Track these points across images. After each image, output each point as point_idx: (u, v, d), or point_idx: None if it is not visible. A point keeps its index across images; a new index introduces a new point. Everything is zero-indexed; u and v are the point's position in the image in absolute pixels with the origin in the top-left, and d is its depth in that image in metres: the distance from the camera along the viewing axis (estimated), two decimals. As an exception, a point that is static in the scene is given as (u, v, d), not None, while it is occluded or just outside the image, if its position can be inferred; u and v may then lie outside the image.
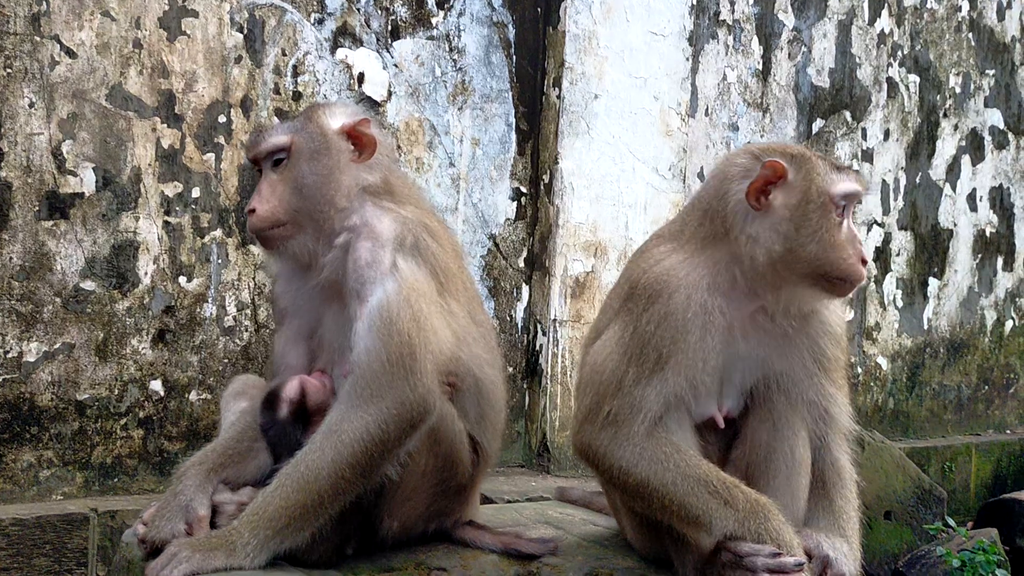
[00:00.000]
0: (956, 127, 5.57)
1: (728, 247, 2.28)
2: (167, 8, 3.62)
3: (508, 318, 4.39)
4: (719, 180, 2.35)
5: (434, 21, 4.17)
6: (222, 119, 3.74)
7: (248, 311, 3.81)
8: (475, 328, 2.48)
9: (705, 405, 2.32)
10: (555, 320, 4.32)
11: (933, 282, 5.58)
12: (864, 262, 2.25)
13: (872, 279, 5.37)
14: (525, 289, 4.42)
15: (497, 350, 2.61)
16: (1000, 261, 5.80)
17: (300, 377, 2.41)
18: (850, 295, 2.28)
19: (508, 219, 4.37)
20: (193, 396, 3.70)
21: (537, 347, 4.38)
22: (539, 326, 4.38)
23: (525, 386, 4.42)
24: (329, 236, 2.39)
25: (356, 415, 2.22)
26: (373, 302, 2.25)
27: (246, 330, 3.80)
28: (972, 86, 5.61)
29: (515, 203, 4.38)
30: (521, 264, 4.41)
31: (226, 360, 3.76)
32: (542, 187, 4.39)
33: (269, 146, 2.42)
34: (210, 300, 3.73)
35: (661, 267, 2.31)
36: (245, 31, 3.78)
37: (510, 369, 4.37)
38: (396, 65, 4.09)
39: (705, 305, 2.25)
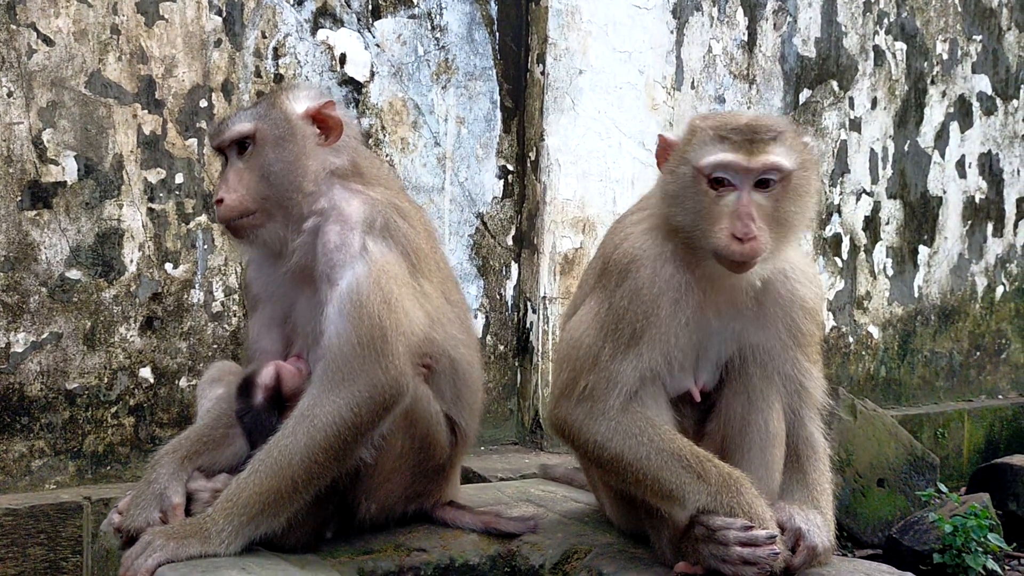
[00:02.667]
0: (944, 94, 5.53)
1: None
2: (143, -7, 3.60)
3: (498, 296, 4.39)
4: None
5: (415, -1, 4.15)
6: (203, 104, 3.73)
7: (235, 296, 3.81)
8: (449, 309, 2.48)
9: (681, 379, 2.33)
10: (545, 297, 4.33)
11: (923, 250, 5.56)
12: (741, 240, 2.14)
13: (862, 248, 5.36)
14: (514, 267, 4.42)
15: (472, 330, 2.61)
16: (990, 227, 5.78)
17: (275, 363, 2.42)
18: (746, 272, 2.20)
19: (495, 197, 4.37)
20: (183, 382, 3.72)
21: (527, 325, 4.39)
22: (529, 304, 4.38)
23: (516, 364, 4.43)
24: (298, 221, 2.39)
25: (328, 399, 2.22)
26: (343, 285, 2.25)
27: (234, 315, 3.81)
28: (959, 52, 5.56)
29: (502, 181, 4.37)
30: (509, 242, 4.40)
31: (215, 346, 3.77)
32: (528, 164, 4.38)
33: (233, 134, 2.40)
34: (197, 286, 3.74)
35: (630, 241, 2.31)
36: (224, 14, 3.75)
37: (501, 347, 4.38)
38: (378, 45, 4.07)
39: (672, 278, 2.25)
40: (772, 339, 2.34)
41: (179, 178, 3.69)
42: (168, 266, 3.69)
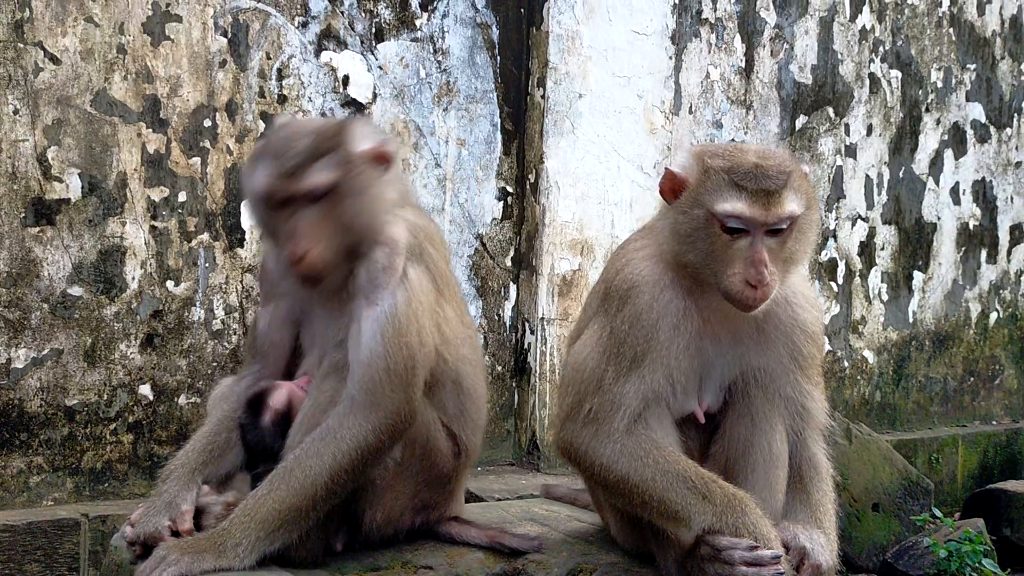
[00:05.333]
0: (938, 121, 5.60)
1: None
2: (151, 13, 3.63)
3: (496, 317, 4.41)
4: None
5: (418, 23, 4.19)
6: (207, 123, 3.76)
7: (236, 314, 3.82)
8: (463, 330, 2.54)
9: (685, 401, 2.35)
10: (543, 318, 4.35)
11: (918, 275, 5.61)
12: (753, 286, 2.17)
13: (857, 273, 5.41)
14: (512, 288, 4.44)
15: (479, 349, 2.67)
16: (984, 254, 5.83)
17: (288, 386, 2.44)
18: (752, 313, 2.24)
19: (495, 219, 4.40)
20: (182, 400, 3.72)
21: (525, 346, 4.41)
22: (527, 325, 4.41)
23: (514, 385, 4.44)
24: (362, 256, 2.36)
25: (355, 421, 2.27)
26: (384, 308, 2.29)
27: (234, 333, 3.82)
28: (954, 80, 5.64)
29: (501, 203, 4.41)
30: (508, 263, 4.43)
31: (215, 363, 3.78)
32: (528, 186, 4.42)
33: (309, 186, 2.28)
34: (198, 304, 3.75)
35: (631, 267, 2.35)
36: (229, 35, 3.79)
37: (498, 368, 4.39)
38: (381, 67, 4.11)
39: (670, 304, 2.28)
40: (774, 362, 2.36)
41: (182, 196, 3.71)
42: (169, 284, 3.70)
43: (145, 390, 3.66)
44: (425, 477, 2.45)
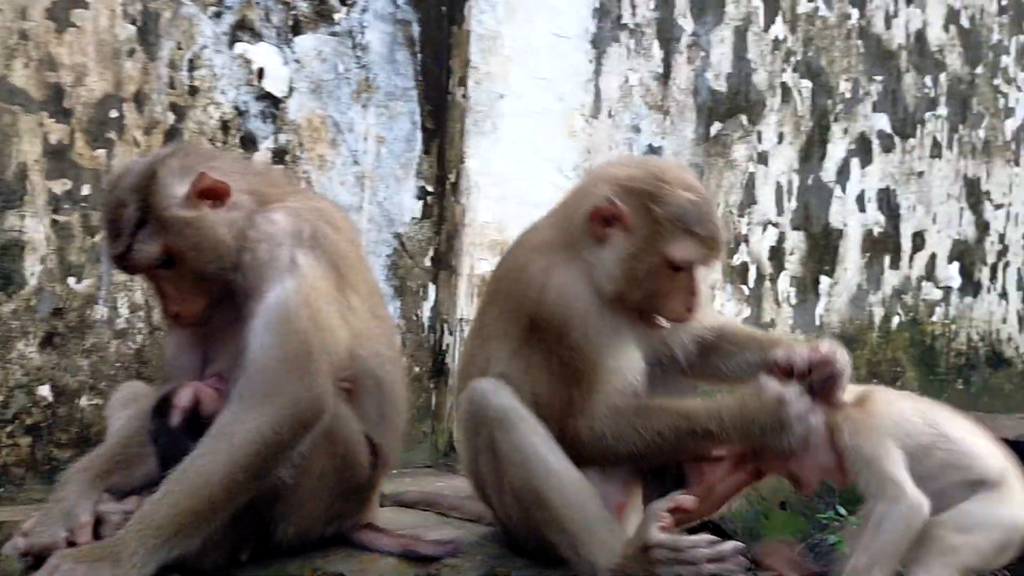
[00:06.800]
0: (846, 131, 5.78)
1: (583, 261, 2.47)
2: (55, -2, 3.49)
3: (414, 318, 4.38)
4: (580, 196, 2.53)
5: (336, 17, 4.13)
6: (114, 114, 3.63)
7: (141, 313, 3.70)
8: (376, 324, 2.45)
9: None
10: (462, 319, 4.33)
11: (824, 280, 5.77)
12: (690, 310, 2.44)
13: (767, 277, 5.53)
14: (431, 288, 4.41)
15: (397, 346, 2.61)
16: (887, 260, 6.03)
17: (194, 384, 2.34)
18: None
19: (414, 218, 4.36)
20: (83, 401, 3.58)
21: (443, 347, 4.38)
22: (446, 326, 4.38)
23: (432, 386, 4.41)
24: (235, 269, 2.32)
25: (248, 416, 2.17)
26: (271, 300, 2.22)
27: (139, 332, 3.70)
28: (861, 91, 5.82)
29: (421, 202, 4.37)
30: (427, 263, 4.40)
31: (118, 364, 3.65)
32: (448, 186, 4.39)
33: (147, 260, 2.28)
34: (101, 302, 3.62)
35: (554, 283, 2.43)
36: (139, 23, 3.67)
37: (416, 369, 4.36)
38: (297, 61, 4.04)
39: (611, 316, 2.45)
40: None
41: (86, 189, 3.58)
42: (71, 280, 3.56)
43: (44, 391, 3.51)
44: (342, 490, 2.39)
